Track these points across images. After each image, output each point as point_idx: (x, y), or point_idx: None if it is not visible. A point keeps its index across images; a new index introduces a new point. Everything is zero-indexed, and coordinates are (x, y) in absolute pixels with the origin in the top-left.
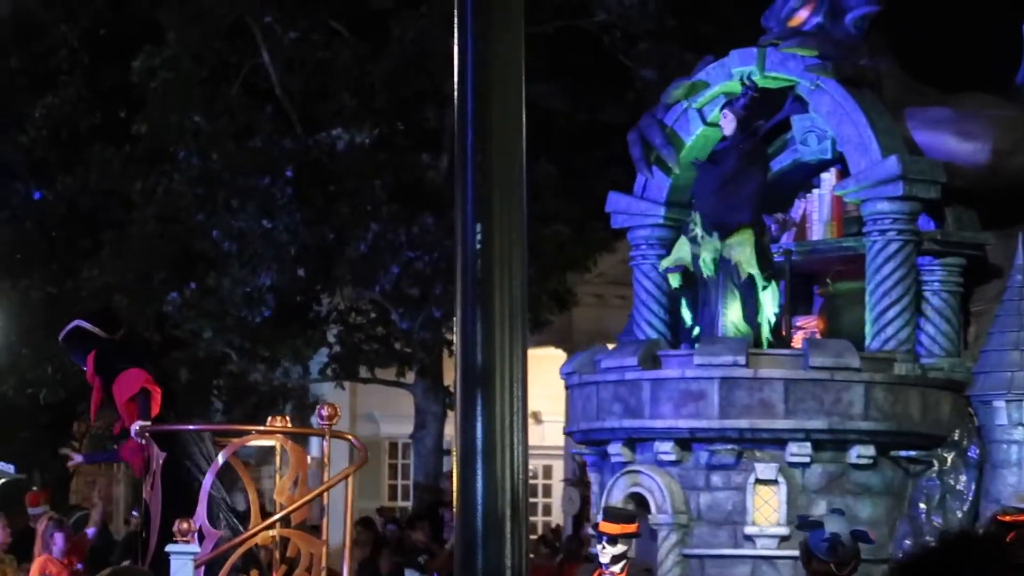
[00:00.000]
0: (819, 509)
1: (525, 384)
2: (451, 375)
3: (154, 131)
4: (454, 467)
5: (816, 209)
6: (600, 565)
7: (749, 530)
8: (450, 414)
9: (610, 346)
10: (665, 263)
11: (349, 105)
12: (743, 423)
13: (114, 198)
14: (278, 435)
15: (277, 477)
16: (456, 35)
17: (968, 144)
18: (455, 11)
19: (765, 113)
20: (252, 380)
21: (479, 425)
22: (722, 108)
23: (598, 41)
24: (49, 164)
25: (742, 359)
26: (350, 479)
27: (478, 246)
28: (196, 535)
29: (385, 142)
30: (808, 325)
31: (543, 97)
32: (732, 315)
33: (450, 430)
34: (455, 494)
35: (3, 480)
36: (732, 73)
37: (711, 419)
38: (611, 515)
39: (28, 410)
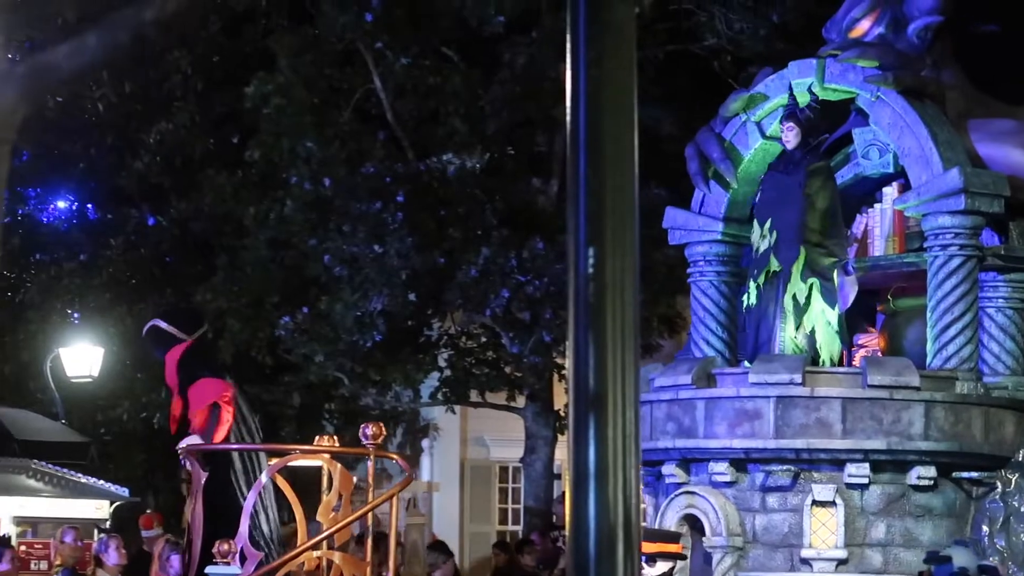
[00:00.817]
0: (878, 531)
1: (637, 408)
2: (561, 399)
3: (266, 157)
4: (567, 490)
5: (878, 224)
6: None
7: (806, 553)
8: (560, 438)
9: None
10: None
11: (460, 130)
12: (799, 443)
13: (227, 223)
14: (323, 455)
15: (323, 497)
16: (568, 61)
17: None
18: (567, 37)
19: (826, 127)
20: (363, 404)
21: (591, 448)
22: (782, 120)
23: (708, 65)
24: (163, 190)
25: (798, 377)
26: (395, 499)
27: (590, 270)
28: (238, 556)
29: (495, 167)
30: (870, 343)
31: (654, 121)
32: (789, 331)
33: (560, 454)
34: (567, 517)
35: (117, 503)
36: (792, 85)
37: (767, 439)
38: (649, 534)
39: (142, 434)
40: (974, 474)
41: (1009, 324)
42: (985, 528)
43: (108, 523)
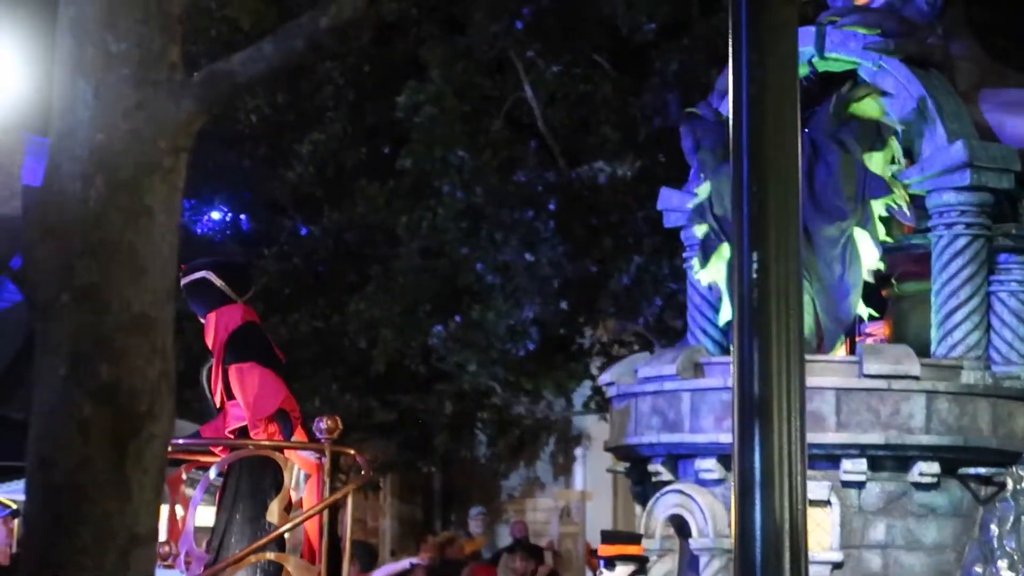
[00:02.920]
0: (877, 532)
1: (803, 414)
2: None
3: (418, 166)
4: (732, 498)
5: None
6: None
7: None
8: None
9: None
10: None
11: (611, 138)
12: None
13: (379, 232)
14: (273, 450)
15: (292, 495)
16: (731, 64)
17: None
18: (730, 40)
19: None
20: (515, 413)
21: (757, 456)
22: None
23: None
24: (316, 200)
25: None
26: (349, 497)
27: (754, 276)
28: (182, 559)
29: (647, 174)
30: (877, 332)
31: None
32: None
33: None
34: (732, 525)
35: None
36: None
37: None
38: (607, 536)
39: None
40: (981, 471)
41: (1023, 309)
42: (994, 529)
43: None
